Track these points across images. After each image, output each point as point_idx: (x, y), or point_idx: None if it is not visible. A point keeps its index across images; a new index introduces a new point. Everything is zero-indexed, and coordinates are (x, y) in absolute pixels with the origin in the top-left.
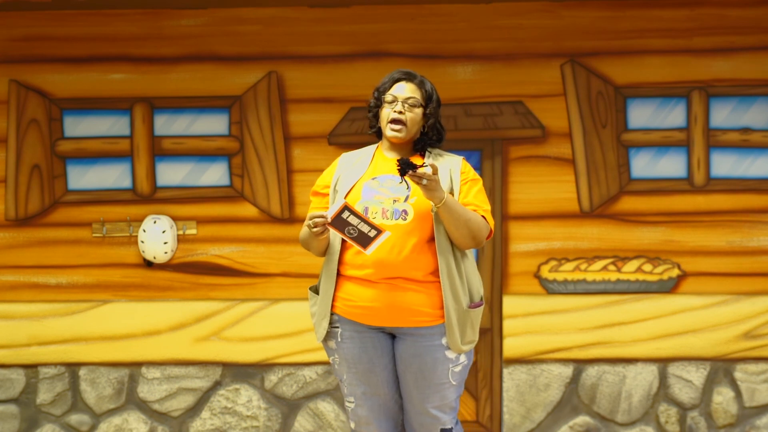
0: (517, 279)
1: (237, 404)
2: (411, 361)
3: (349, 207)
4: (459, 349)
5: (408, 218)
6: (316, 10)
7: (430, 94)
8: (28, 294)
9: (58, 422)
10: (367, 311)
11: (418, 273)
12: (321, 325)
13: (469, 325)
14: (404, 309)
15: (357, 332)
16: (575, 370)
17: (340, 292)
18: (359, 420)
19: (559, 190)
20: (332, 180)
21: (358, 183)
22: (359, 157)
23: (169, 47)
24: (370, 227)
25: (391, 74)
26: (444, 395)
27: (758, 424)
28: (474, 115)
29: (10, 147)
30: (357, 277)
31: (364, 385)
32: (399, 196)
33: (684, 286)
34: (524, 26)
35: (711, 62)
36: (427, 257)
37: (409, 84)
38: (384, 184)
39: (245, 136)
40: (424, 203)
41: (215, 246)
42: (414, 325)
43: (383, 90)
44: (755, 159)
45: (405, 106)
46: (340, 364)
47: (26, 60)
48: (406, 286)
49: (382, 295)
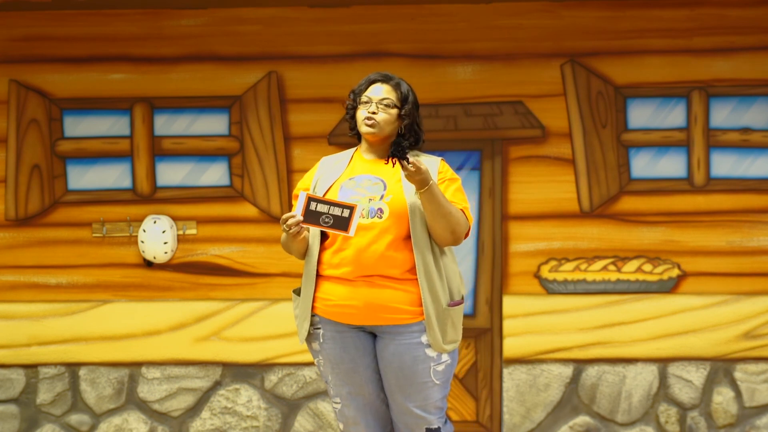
0: (517, 279)
1: (237, 404)
2: (391, 359)
3: (312, 197)
4: (441, 348)
5: (384, 216)
6: (316, 10)
7: (405, 96)
8: (28, 294)
9: (58, 422)
10: (346, 310)
11: (395, 270)
12: (303, 326)
13: (450, 323)
14: (382, 307)
15: (338, 332)
16: (575, 370)
17: (319, 292)
18: (347, 420)
19: (559, 190)
20: (312, 182)
21: (336, 183)
22: (338, 160)
23: (169, 47)
24: (341, 207)
25: (367, 76)
26: (427, 395)
27: (758, 424)
28: (474, 115)
29: (10, 147)
30: (335, 277)
31: (349, 385)
32: (374, 195)
33: (684, 286)
34: (524, 26)
35: (711, 62)
36: (404, 254)
37: (385, 85)
38: (360, 184)
39: (245, 136)
40: (400, 201)
41: (215, 246)
42: (392, 323)
43: (359, 92)
44: (755, 159)
45: (379, 107)
46: (324, 365)
47: (26, 60)
48: (383, 284)
49: (360, 293)
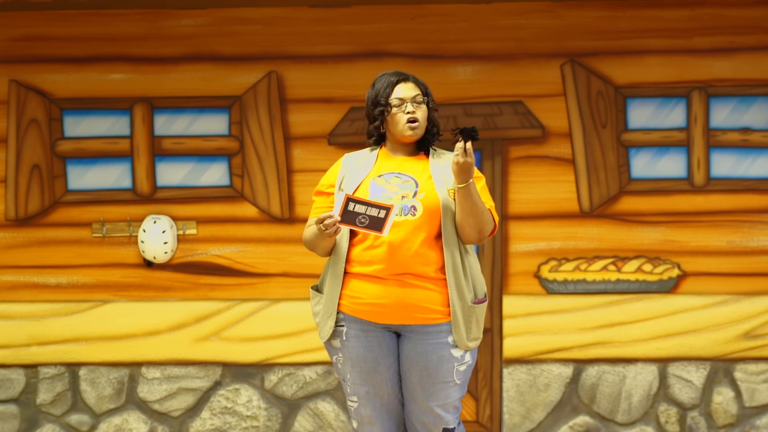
0: (517, 279)
1: (237, 404)
2: (417, 359)
3: (352, 198)
4: (465, 345)
5: (417, 214)
6: (316, 10)
7: (426, 88)
8: (28, 294)
9: (58, 422)
10: (375, 308)
11: (427, 268)
12: (326, 323)
13: (474, 321)
14: (413, 306)
15: (363, 331)
16: (575, 370)
17: (346, 289)
18: (362, 419)
19: (559, 190)
20: (337, 179)
21: (365, 181)
22: (363, 157)
23: (169, 47)
24: (378, 209)
25: (386, 78)
26: (448, 394)
27: (758, 424)
28: (474, 115)
29: (10, 147)
30: (365, 274)
31: (368, 386)
32: (407, 192)
33: (684, 286)
34: (524, 26)
35: (711, 62)
36: (435, 253)
37: (408, 83)
38: (390, 181)
39: (245, 136)
40: (433, 198)
41: (215, 246)
42: (422, 322)
43: (385, 96)
44: (755, 159)
45: (414, 104)
46: (343, 363)
47: (26, 60)
48: (415, 283)
49: (391, 292)
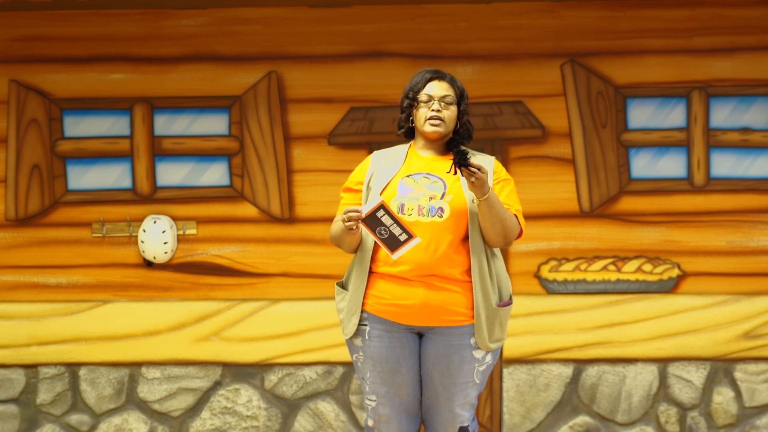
0: (517, 279)
1: (237, 404)
2: (439, 360)
3: (385, 206)
4: (487, 346)
5: (444, 215)
6: (316, 10)
7: (462, 91)
8: (28, 294)
9: (58, 422)
10: (400, 309)
11: (454, 271)
12: (351, 321)
13: (498, 323)
14: (438, 308)
15: (386, 331)
16: (575, 370)
17: (372, 289)
18: (379, 418)
19: (559, 190)
20: (365, 176)
21: (394, 180)
22: (392, 155)
23: (169, 47)
24: (402, 231)
25: (422, 74)
26: (467, 393)
27: (758, 424)
28: (474, 115)
29: (10, 147)
30: (391, 275)
31: (387, 386)
32: (435, 194)
33: (684, 286)
34: (524, 26)
35: (711, 62)
36: (461, 256)
37: (442, 82)
38: (419, 181)
39: (245, 136)
40: (461, 201)
41: (215, 246)
42: (446, 324)
43: (417, 90)
44: (755, 159)
45: (441, 104)
46: (363, 362)
47: (26, 60)
48: (441, 285)
49: (416, 293)
